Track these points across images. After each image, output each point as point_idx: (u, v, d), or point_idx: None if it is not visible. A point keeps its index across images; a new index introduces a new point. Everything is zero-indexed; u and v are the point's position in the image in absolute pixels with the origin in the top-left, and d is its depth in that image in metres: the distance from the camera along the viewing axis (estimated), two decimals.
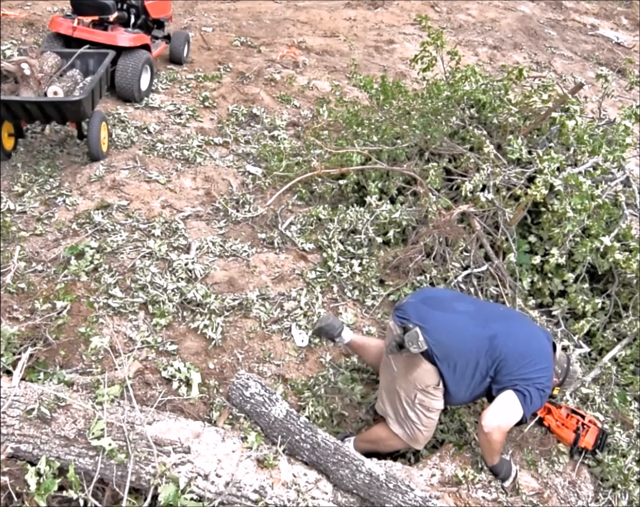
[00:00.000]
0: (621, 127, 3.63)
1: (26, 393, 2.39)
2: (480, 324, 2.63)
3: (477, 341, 2.58)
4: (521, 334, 2.69)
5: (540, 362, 2.61)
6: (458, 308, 2.72)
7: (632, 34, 10.41)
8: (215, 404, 2.82)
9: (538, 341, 2.70)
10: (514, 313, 3.21)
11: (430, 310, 2.66)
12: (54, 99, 4.31)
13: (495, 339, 2.57)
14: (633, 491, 2.83)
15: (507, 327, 2.68)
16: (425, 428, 2.66)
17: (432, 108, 4.46)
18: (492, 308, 3.06)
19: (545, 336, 2.79)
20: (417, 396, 2.59)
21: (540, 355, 2.64)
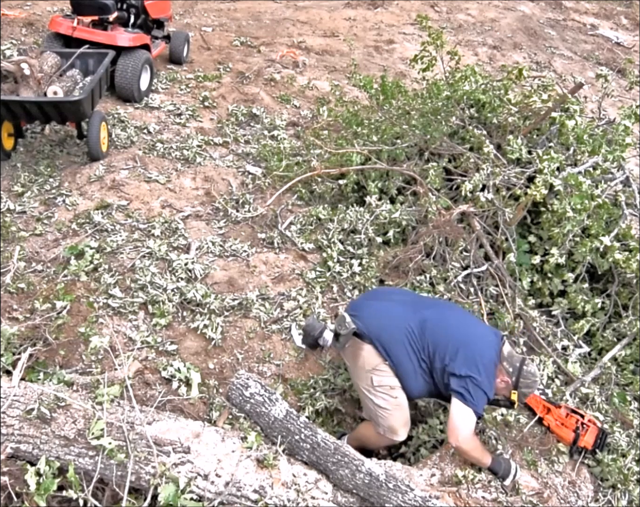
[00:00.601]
0: (621, 127, 3.63)
1: (26, 393, 2.39)
2: (411, 309, 2.76)
3: (405, 322, 2.68)
4: (453, 322, 2.72)
5: (473, 351, 2.58)
6: (393, 298, 2.91)
7: (632, 34, 10.42)
8: (215, 404, 2.82)
9: (474, 330, 2.71)
10: (455, 306, 3.15)
11: (365, 301, 2.99)
12: (53, 99, 4.31)
13: (425, 322, 2.66)
14: (633, 491, 2.83)
15: (438, 314, 2.75)
16: (395, 410, 2.68)
17: (432, 108, 4.46)
18: (430, 300, 3.14)
19: (489, 331, 2.78)
20: (372, 379, 2.68)
21: (474, 343, 2.62)
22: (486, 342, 2.67)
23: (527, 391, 2.65)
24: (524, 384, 2.62)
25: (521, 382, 2.61)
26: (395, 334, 2.66)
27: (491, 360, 2.62)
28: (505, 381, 2.63)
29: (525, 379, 2.61)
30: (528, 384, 2.63)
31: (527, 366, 2.63)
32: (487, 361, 2.60)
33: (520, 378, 2.61)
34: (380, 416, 2.69)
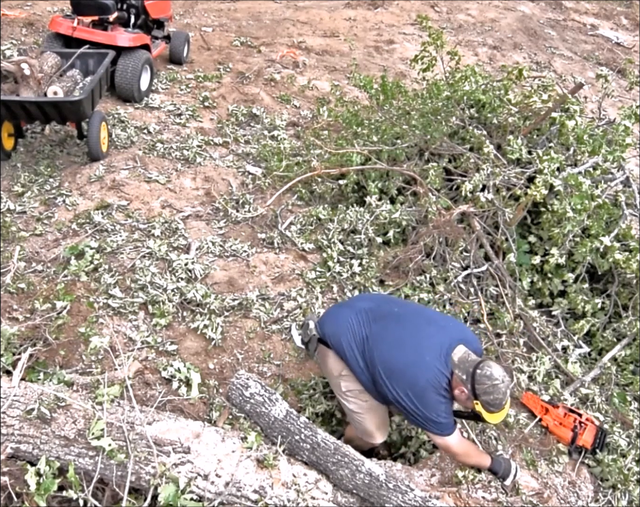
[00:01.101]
0: (621, 127, 3.63)
1: (26, 393, 2.39)
2: (361, 321, 2.63)
3: (352, 335, 2.60)
4: (388, 337, 2.54)
5: (403, 379, 2.41)
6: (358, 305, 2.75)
7: (632, 34, 10.42)
8: (215, 404, 2.82)
9: (411, 350, 2.47)
10: (404, 313, 2.71)
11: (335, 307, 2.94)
12: (53, 99, 4.31)
13: (366, 340, 2.57)
14: (633, 491, 2.83)
15: (380, 329, 2.58)
16: (367, 414, 2.64)
17: (432, 108, 4.46)
18: (385, 308, 2.75)
19: (436, 341, 2.47)
20: (340, 384, 2.66)
21: (405, 369, 2.43)
22: (422, 361, 2.42)
23: (488, 398, 2.31)
24: (481, 391, 2.30)
25: (477, 388, 2.31)
26: (344, 345, 2.60)
27: (429, 381, 2.38)
28: (462, 390, 2.37)
29: (480, 385, 2.30)
30: (486, 390, 2.30)
31: (480, 369, 2.31)
32: (422, 384, 2.38)
33: (475, 385, 2.31)
34: (355, 420, 2.69)
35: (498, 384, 2.29)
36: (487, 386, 2.29)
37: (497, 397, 2.30)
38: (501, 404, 2.33)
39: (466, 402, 2.42)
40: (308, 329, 2.72)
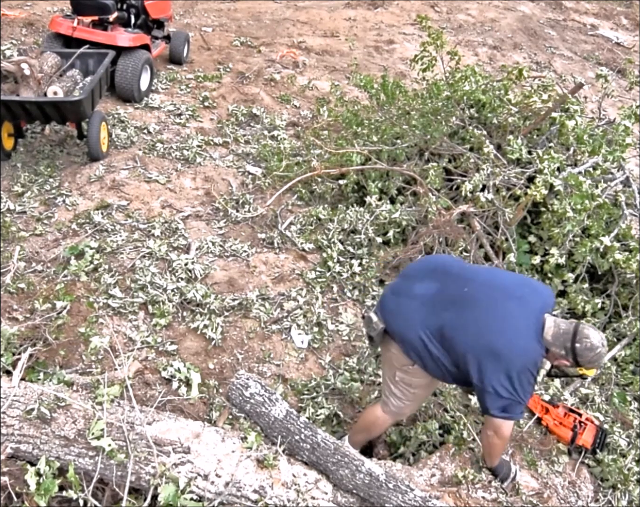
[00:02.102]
0: (621, 127, 3.63)
1: (26, 393, 2.39)
2: (430, 310, 2.49)
3: (423, 328, 2.47)
4: (473, 327, 2.40)
5: (499, 362, 2.31)
6: (415, 291, 2.58)
7: (632, 34, 10.42)
8: (215, 404, 2.82)
9: (500, 332, 2.36)
10: (476, 293, 2.52)
11: (390, 295, 2.68)
12: (53, 99, 4.31)
13: (443, 329, 2.43)
14: (633, 491, 2.83)
15: (456, 316, 2.44)
16: (410, 403, 2.67)
17: (432, 108, 4.46)
18: (453, 290, 2.56)
19: (523, 323, 2.38)
20: (396, 374, 2.62)
21: (499, 352, 2.31)
22: (516, 345, 2.34)
23: (592, 364, 2.36)
24: (585, 361, 2.33)
25: (581, 361, 2.33)
26: (414, 340, 2.48)
27: (525, 364, 2.32)
28: (564, 363, 2.39)
29: (584, 357, 2.32)
30: (590, 360, 2.32)
31: (580, 344, 2.30)
32: (519, 367, 2.31)
33: (578, 359, 2.32)
34: (392, 400, 2.68)
35: (600, 351, 2.32)
36: (591, 356, 2.31)
37: (600, 360, 2.37)
38: (602, 362, 2.47)
39: (569, 370, 2.49)
40: (373, 323, 2.57)
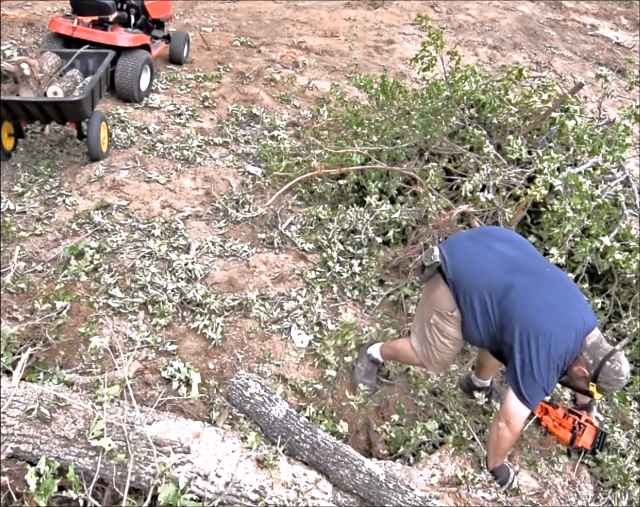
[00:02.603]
0: (621, 127, 3.63)
1: (26, 393, 2.39)
2: (505, 269, 2.47)
3: (491, 281, 2.45)
4: (540, 300, 2.39)
5: (544, 341, 2.31)
6: (496, 247, 2.58)
7: (632, 34, 10.42)
8: (215, 404, 2.82)
9: (559, 315, 2.37)
10: (558, 280, 2.55)
11: (466, 240, 2.69)
12: (53, 99, 4.31)
13: (511, 289, 2.41)
14: (633, 491, 2.83)
15: (529, 283, 2.43)
16: (438, 352, 2.68)
17: (432, 108, 4.46)
18: (534, 263, 2.58)
19: (579, 318, 2.39)
20: (432, 317, 2.63)
21: (550, 332, 2.32)
22: (566, 334, 2.35)
23: (607, 387, 2.37)
24: (603, 380, 2.35)
25: (600, 377, 2.34)
26: (475, 289, 2.46)
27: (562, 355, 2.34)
28: (583, 371, 2.38)
29: (605, 376, 2.34)
30: (608, 382, 2.35)
31: (611, 363, 2.32)
32: (557, 355, 2.33)
33: (600, 374, 2.34)
34: (424, 344, 2.71)
35: (622, 380, 2.35)
36: (611, 379, 2.34)
37: (615, 388, 2.38)
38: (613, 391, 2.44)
39: (578, 380, 2.43)
40: (432, 255, 2.55)
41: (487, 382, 3.18)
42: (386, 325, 3.58)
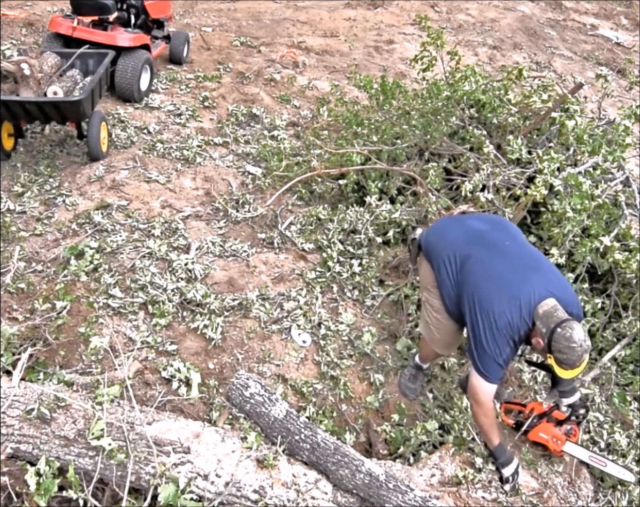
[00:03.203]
0: (621, 127, 3.63)
1: (26, 393, 2.39)
2: (467, 240, 2.62)
3: (454, 251, 2.59)
4: (489, 268, 2.49)
5: (488, 311, 2.37)
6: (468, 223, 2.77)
7: (632, 34, 10.42)
8: (215, 404, 2.82)
9: (508, 285, 2.41)
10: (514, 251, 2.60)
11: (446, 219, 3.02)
12: (53, 99, 4.31)
13: (468, 259, 2.54)
14: (633, 491, 2.83)
15: (485, 255, 2.54)
16: (435, 329, 2.81)
17: (432, 108, 4.46)
18: (497, 237, 2.65)
19: (531, 288, 2.39)
20: (424, 295, 2.83)
21: (495, 302, 2.38)
22: (510, 303, 2.37)
23: (561, 356, 2.27)
24: (556, 348, 2.27)
25: (553, 345, 2.28)
26: (440, 258, 2.62)
27: (507, 324, 2.36)
28: (539, 342, 2.34)
29: (557, 343, 2.26)
30: (560, 350, 2.26)
31: (562, 329, 2.26)
32: (502, 324, 2.35)
33: (552, 341, 2.27)
34: (424, 324, 2.89)
35: (575, 347, 2.26)
36: (562, 345, 2.26)
37: (570, 358, 2.28)
38: (574, 364, 2.29)
39: (541, 353, 2.42)
40: (414, 234, 2.81)
41: None
42: (386, 325, 3.58)
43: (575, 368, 2.31)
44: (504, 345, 2.38)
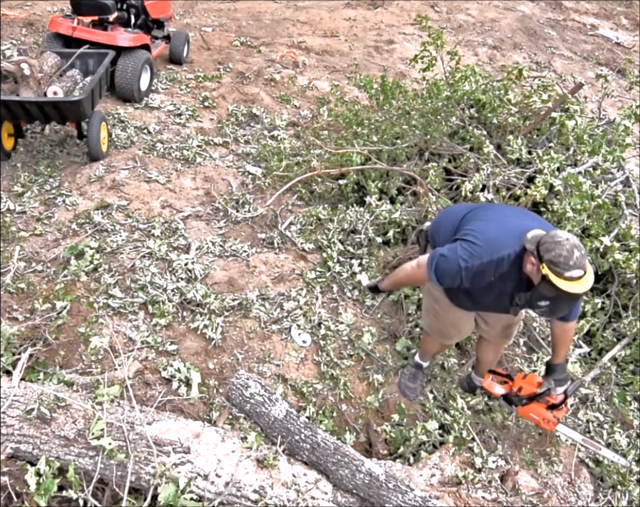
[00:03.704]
0: (621, 127, 3.63)
1: (26, 393, 2.39)
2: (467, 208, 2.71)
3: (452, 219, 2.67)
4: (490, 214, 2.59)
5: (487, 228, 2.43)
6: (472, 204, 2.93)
7: (632, 34, 10.43)
8: (215, 404, 2.82)
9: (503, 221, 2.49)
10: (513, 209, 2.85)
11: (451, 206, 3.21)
12: (53, 99, 4.31)
13: (467, 213, 2.62)
14: (633, 491, 2.84)
15: (482, 209, 2.67)
16: (435, 319, 2.88)
17: (432, 108, 4.46)
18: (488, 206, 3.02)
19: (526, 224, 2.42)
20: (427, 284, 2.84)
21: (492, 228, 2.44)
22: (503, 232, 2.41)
23: (550, 256, 2.18)
24: (544, 250, 2.21)
25: (541, 250, 2.21)
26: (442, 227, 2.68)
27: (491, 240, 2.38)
28: (531, 260, 2.28)
29: (544, 245, 2.21)
30: (548, 248, 2.19)
31: (547, 235, 2.26)
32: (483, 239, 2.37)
33: (540, 248, 2.22)
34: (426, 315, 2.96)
35: (561, 241, 2.20)
36: (549, 243, 2.21)
37: (561, 253, 2.17)
38: (567, 263, 2.17)
39: (535, 275, 2.30)
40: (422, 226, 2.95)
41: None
42: (386, 325, 3.58)
43: (572, 270, 2.18)
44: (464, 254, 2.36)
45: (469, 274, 2.36)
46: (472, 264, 2.35)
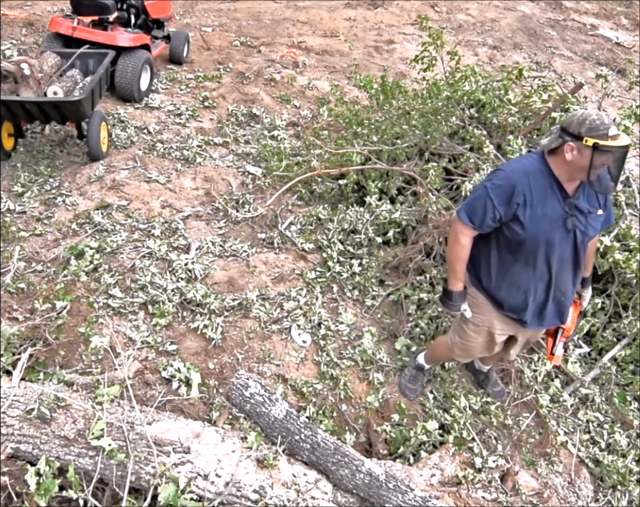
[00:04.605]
0: (621, 127, 3.63)
1: (26, 393, 2.39)
2: None
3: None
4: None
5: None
6: None
7: (632, 34, 10.43)
8: (215, 404, 2.82)
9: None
10: None
11: None
12: (53, 99, 4.31)
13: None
14: (633, 491, 2.84)
15: None
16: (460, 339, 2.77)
17: (432, 108, 4.46)
18: None
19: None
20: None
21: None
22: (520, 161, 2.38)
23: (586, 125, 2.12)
24: (575, 125, 2.15)
25: (570, 127, 2.16)
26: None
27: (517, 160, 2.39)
28: (570, 148, 2.18)
29: (570, 122, 2.17)
30: (578, 120, 2.15)
31: (565, 119, 2.21)
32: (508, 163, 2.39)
33: (567, 128, 2.18)
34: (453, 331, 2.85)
35: (582, 112, 2.17)
36: (575, 119, 2.16)
37: (593, 119, 2.13)
38: (604, 123, 2.11)
39: (581, 159, 2.17)
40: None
41: (485, 368, 3.22)
42: (386, 325, 3.58)
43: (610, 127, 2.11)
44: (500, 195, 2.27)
45: (498, 193, 2.27)
46: (496, 182, 2.29)
